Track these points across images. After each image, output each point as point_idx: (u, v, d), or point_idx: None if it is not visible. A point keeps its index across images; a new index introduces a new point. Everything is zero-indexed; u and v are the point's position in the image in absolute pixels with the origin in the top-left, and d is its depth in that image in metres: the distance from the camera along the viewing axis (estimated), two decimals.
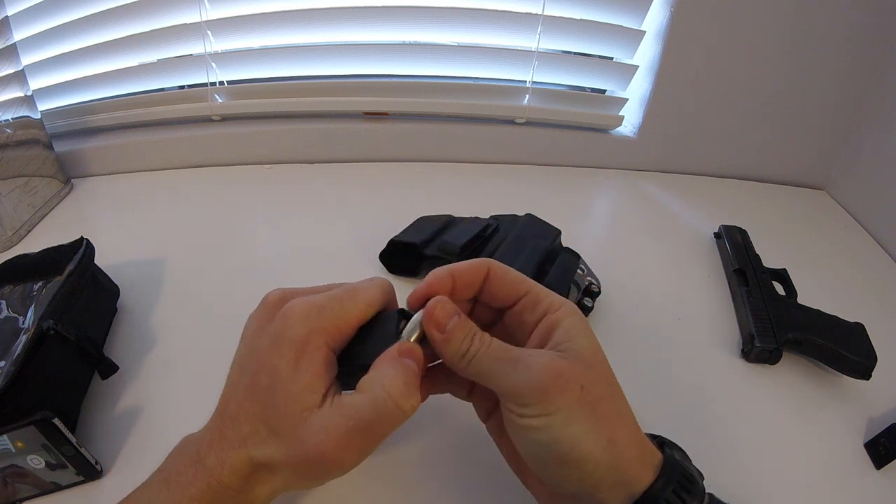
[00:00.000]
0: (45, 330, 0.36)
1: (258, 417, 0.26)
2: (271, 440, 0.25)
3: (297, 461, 0.25)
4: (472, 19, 0.68)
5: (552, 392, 0.24)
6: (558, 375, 0.25)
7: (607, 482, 0.25)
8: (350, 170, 0.74)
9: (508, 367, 0.26)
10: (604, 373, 0.27)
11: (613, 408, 0.26)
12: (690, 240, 0.63)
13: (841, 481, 0.38)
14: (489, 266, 0.30)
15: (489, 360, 0.26)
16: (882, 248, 0.64)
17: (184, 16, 0.66)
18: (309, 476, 0.27)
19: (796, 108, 0.70)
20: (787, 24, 0.64)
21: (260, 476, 0.26)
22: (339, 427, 0.24)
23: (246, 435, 0.26)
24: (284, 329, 0.26)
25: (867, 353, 0.44)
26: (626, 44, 0.69)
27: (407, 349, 0.27)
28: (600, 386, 0.26)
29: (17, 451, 0.32)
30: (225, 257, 0.56)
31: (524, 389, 0.25)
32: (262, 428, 0.25)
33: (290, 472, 0.26)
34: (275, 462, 0.25)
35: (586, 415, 0.25)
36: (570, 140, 0.76)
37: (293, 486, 0.27)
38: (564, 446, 0.24)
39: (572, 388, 0.25)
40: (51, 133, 0.66)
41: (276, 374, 0.25)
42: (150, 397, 0.41)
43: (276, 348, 0.26)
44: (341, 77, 0.73)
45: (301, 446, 0.25)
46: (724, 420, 0.42)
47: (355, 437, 0.25)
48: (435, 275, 0.29)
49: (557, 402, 0.24)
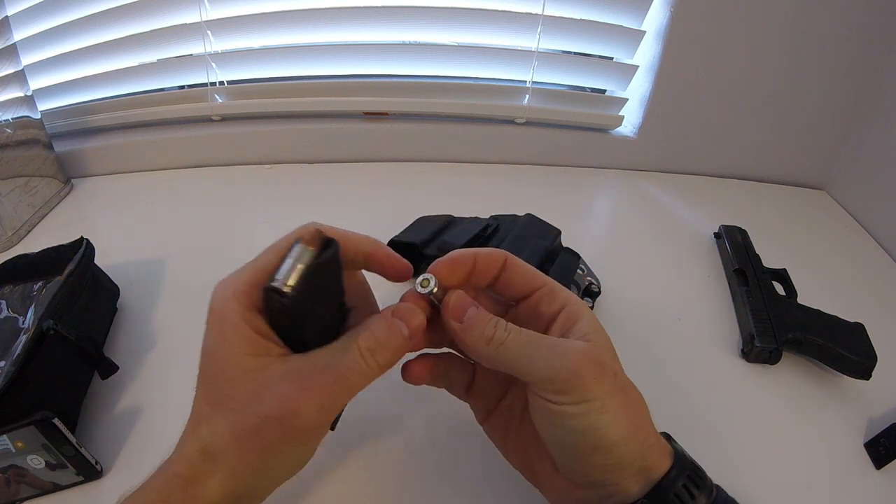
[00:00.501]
0: (45, 330, 0.36)
1: (201, 398, 0.25)
2: (214, 415, 0.24)
3: (244, 429, 0.23)
4: (472, 19, 0.68)
5: (591, 378, 0.25)
6: (597, 362, 0.25)
7: (633, 468, 0.25)
8: (350, 170, 0.74)
9: (544, 352, 0.25)
10: (620, 366, 0.28)
11: (637, 396, 0.27)
12: (690, 240, 0.63)
13: (841, 481, 0.38)
14: (506, 256, 0.30)
15: (520, 345, 0.26)
16: (882, 248, 0.64)
17: (184, 16, 0.66)
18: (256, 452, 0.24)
19: (796, 108, 0.70)
20: (787, 24, 0.64)
21: (207, 467, 0.24)
22: (304, 373, 0.23)
23: (194, 419, 0.25)
24: (209, 308, 0.25)
25: (867, 353, 0.44)
26: (626, 44, 0.69)
27: (403, 311, 0.26)
28: (624, 375, 0.27)
29: (17, 451, 0.32)
30: (225, 257, 0.55)
31: (562, 375, 0.25)
32: (204, 406, 0.24)
33: (235, 455, 0.23)
34: (218, 441, 0.23)
35: (620, 402, 0.25)
36: (570, 140, 0.76)
37: (242, 481, 0.24)
38: (600, 432, 0.24)
39: (608, 375, 0.25)
40: (51, 133, 0.66)
41: (208, 350, 0.25)
42: (150, 397, 0.41)
43: (206, 328, 0.25)
44: (341, 77, 0.73)
45: (254, 405, 0.23)
46: (724, 420, 0.42)
47: (319, 383, 0.23)
48: (460, 252, 0.29)
49: (596, 388, 0.24)
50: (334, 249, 0.24)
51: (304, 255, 0.23)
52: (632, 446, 0.25)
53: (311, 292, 0.23)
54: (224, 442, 0.23)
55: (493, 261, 0.29)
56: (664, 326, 0.50)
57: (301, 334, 0.24)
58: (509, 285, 0.30)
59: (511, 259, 0.30)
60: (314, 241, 0.23)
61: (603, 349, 0.26)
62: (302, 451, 0.26)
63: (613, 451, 0.25)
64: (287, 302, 0.22)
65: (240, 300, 0.24)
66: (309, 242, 0.23)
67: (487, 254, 0.29)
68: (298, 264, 0.23)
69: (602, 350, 0.26)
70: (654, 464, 0.26)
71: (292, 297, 0.22)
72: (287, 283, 0.22)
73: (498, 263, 0.29)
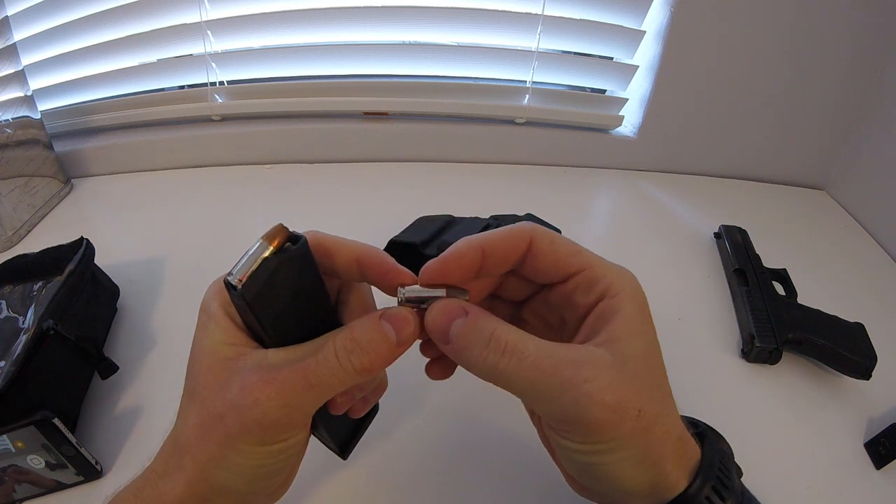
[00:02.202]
0: (45, 330, 0.36)
1: (184, 391, 0.24)
2: (187, 405, 0.23)
3: (210, 415, 0.22)
4: (472, 19, 0.68)
5: (608, 427, 0.21)
6: (618, 408, 0.21)
7: (642, 494, 0.24)
8: (350, 170, 0.74)
9: (556, 393, 0.21)
10: (656, 379, 0.23)
11: (664, 423, 0.23)
12: (690, 240, 0.63)
13: (841, 481, 0.38)
14: (531, 236, 0.25)
15: (525, 380, 0.22)
16: (882, 248, 0.64)
17: (184, 16, 0.67)
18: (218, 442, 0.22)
19: (796, 108, 0.70)
20: (787, 24, 0.64)
21: (176, 459, 0.23)
22: (274, 366, 0.22)
23: (178, 414, 0.24)
24: (200, 305, 0.25)
25: (867, 353, 0.44)
26: (626, 44, 0.69)
27: (395, 315, 0.23)
28: (653, 402, 0.22)
29: (17, 451, 0.32)
30: (225, 257, 0.56)
31: (575, 422, 0.22)
32: (184, 399, 0.24)
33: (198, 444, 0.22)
34: (187, 431, 0.23)
35: (637, 442, 0.22)
36: (570, 140, 0.76)
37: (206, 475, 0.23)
38: (606, 468, 0.23)
39: (630, 416, 0.21)
40: (51, 133, 0.66)
41: (192, 343, 0.24)
42: (150, 397, 0.42)
43: (197, 324, 0.25)
44: (341, 77, 0.73)
45: (221, 392, 0.22)
46: (724, 420, 0.42)
47: (285, 377, 0.22)
48: (458, 250, 0.24)
49: (611, 434, 0.22)
50: (300, 247, 0.23)
51: (260, 250, 0.22)
52: (644, 481, 0.23)
53: (269, 289, 0.22)
54: (190, 431, 0.23)
55: (511, 245, 0.24)
56: (664, 326, 0.50)
57: (266, 333, 0.23)
58: (536, 271, 0.25)
59: (539, 241, 0.25)
60: (276, 237, 0.22)
61: (633, 369, 0.22)
62: (266, 451, 0.23)
63: (621, 484, 0.23)
64: (237, 296, 0.22)
65: (225, 294, 0.24)
66: (270, 238, 0.22)
67: (502, 237, 0.24)
68: (253, 260, 0.22)
69: (633, 375, 0.22)
70: (671, 486, 0.23)
71: (242, 291, 0.22)
72: (240, 277, 0.22)
73: (520, 247, 0.25)
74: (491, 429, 0.40)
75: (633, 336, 0.23)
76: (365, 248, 0.25)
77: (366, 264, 0.25)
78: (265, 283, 0.22)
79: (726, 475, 0.24)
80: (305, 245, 0.23)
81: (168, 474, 0.23)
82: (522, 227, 0.25)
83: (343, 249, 0.25)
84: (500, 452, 0.38)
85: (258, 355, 0.23)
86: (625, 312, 0.23)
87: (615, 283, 0.24)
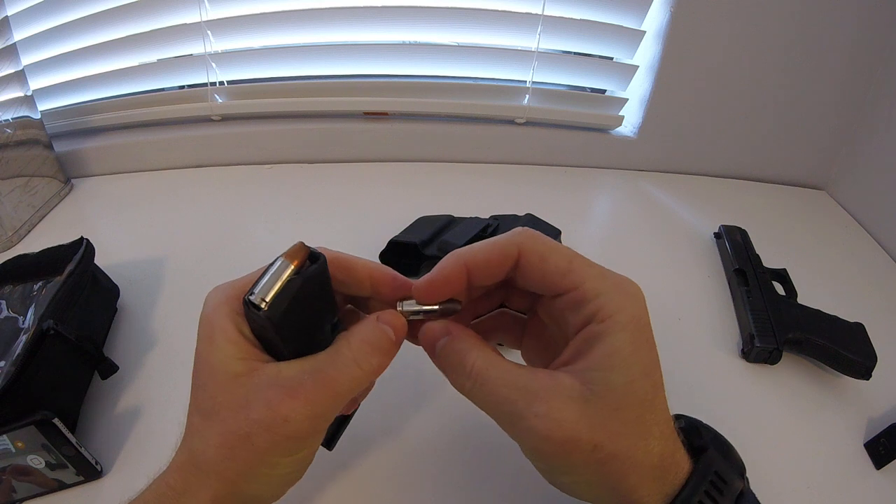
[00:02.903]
0: (45, 330, 0.36)
1: (193, 407, 0.24)
2: (203, 425, 0.23)
3: (234, 435, 0.22)
4: (472, 19, 0.68)
5: (554, 456, 0.22)
6: (566, 443, 0.22)
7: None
8: (350, 170, 0.74)
9: (508, 421, 0.23)
10: (633, 414, 0.22)
11: (631, 457, 0.22)
12: (690, 240, 0.63)
13: (841, 481, 0.38)
14: (519, 249, 0.24)
15: (484, 405, 0.24)
16: (882, 248, 0.64)
17: (184, 16, 0.67)
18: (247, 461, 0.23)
19: (796, 108, 0.70)
20: (788, 24, 0.64)
21: (198, 478, 0.23)
22: (294, 379, 0.23)
23: (187, 429, 0.24)
24: (200, 316, 0.25)
25: (867, 353, 0.44)
26: (626, 44, 0.69)
27: (388, 316, 0.25)
28: (620, 437, 0.22)
29: (18, 451, 0.32)
30: (225, 257, 0.56)
31: (524, 446, 0.23)
32: (195, 416, 0.24)
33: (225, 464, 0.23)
34: (209, 452, 0.23)
35: (593, 472, 0.22)
36: (570, 140, 0.76)
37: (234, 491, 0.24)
38: (568, 489, 0.24)
39: (581, 449, 0.22)
40: (51, 133, 0.66)
41: (197, 355, 0.24)
42: (150, 397, 0.42)
43: (197, 335, 0.24)
44: (341, 77, 0.73)
45: (243, 411, 0.22)
46: (724, 420, 0.41)
47: (308, 388, 0.23)
48: (442, 269, 0.25)
49: (561, 462, 0.23)
50: (319, 266, 0.23)
51: (284, 269, 0.22)
52: (607, 500, 0.24)
53: (292, 308, 0.23)
54: (214, 451, 0.23)
55: (497, 260, 0.25)
56: (664, 326, 0.50)
57: (285, 347, 0.24)
58: (528, 284, 0.25)
59: (527, 256, 0.24)
60: (297, 256, 0.23)
61: (604, 401, 0.22)
62: (293, 460, 0.24)
63: (585, 500, 0.24)
64: (262, 316, 0.22)
65: (231, 305, 0.24)
66: (291, 257, 0.23)
67: (487, 254, 0.25)
68: (277, 280, 0.22)
69: (597, 409, 0.22)
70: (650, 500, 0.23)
71: (268, 312, 0.22)
72: (264, 297, 0.22)
73: (506, 262, 0.25)
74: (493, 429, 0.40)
75: (613, 368, 0.22)
76: (376, 265, 0.27)
77: (378, 281, 0.27)
78: (289, 302, 0.22)
79: (717, 494, 0.23)
80: (324, 263, 0.24)
81: (189, 492, 0.23)
82: (512, 239, 0.25)
83: (358, 266, 0.27)
84: (502, 453, 0.38)
85: (271, 370, 0.23)
86: (609, 341, 0.22)
87: (606, 306, 0.23)
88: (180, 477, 0.24)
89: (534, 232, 0.25)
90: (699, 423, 0.27)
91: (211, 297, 0.25)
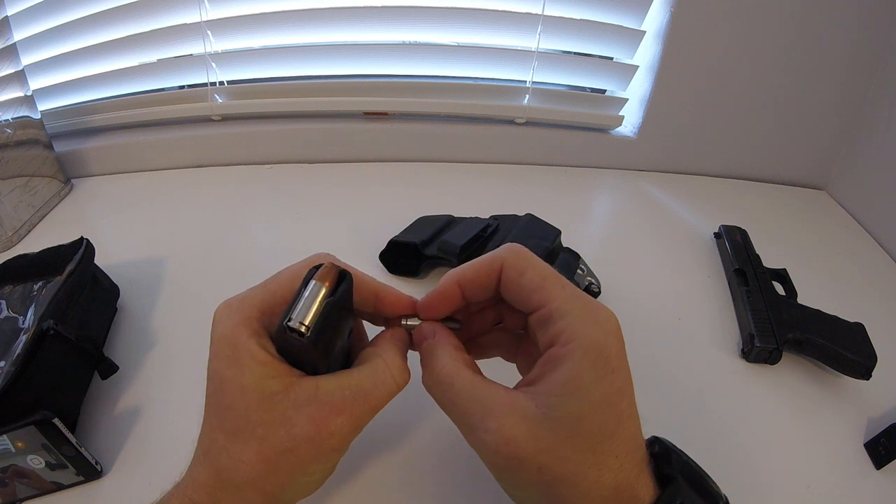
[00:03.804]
0: (45, 330, 0.36)
1: (214, 427, 0.24)
2: (234, 443, 0.23)
3: (276, 451, 0.23)
4: (472, 19, 0.68)
5: (502, 469, 0.24)
6: (511, 457, 0.23)
7: None
8: (350, 170, 0.74)
9: (463, 430, 0.25)
10: (585, 443, 0.22)
11: (580, 484, 0.22)
12: (690, 240, 0.63)
13: (841, 481, 0.38)
14: (501, 265, 0.26)
15: (445, 409, 0.26)
16: (882, 248, 0.64)
17: (184, 16, 0.67)
18: (287, 472, 0.24)
19: (796, 108, 0.70)
20: (787, 24, 0.64)
21: (228, 494, 0.24)
22: (335, 395, 0.24)
23: (207, 449, 0.25)
24: (214, 333, 0.25)
25: (867, 353, 0.44)
26: (626, 44, 0.69)
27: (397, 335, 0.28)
28: (569, 463, 0.22)
29: (17, 451, 0.32)
30: (225, 257, 0.56)
31: (479, 456, 0.25)
32: (219, 436, 0.24)
33: (265, 478, 0.23)
34: (244, 469, 0.23)
35: (541, 491, 0.23)
36: (570, 140, 0.76)
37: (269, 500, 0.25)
38: (519, 501, 0.26)
39: (527, 468, 0.22)
40: (51, 133, 0.66)
41: (219, 376, 0.24)
42: (150, 397, 0.41)
43: (213, 354, 0.25)
44: (341, 77, 0.73)
45: (284, 427, 0.23)
46: (724, 420, 0.42)
47: (352, 404, 0.24)
48: (439, 288, 0.28)
49: (509, 476, 0.24)
50: (347, 284, 0.25)
51: (318, 292, 0.23)
52: None
53: (327, 328, 0.23)
54: (250, 468, 0.23)
55: (483, 277, 0.27)
56: (664, 326, 0.50)
57: (319, 364, 0.25)
58: (508, 298, 0.27)
59: (507, 271, 0.26)
60: (329, 277, 0.24)
61: (555, 427, 0.22)
62: (327, 467, 0.27)
63: None
64: (306, 342, 0.23)
65: (251, 326, 0.24)
66: (324, 279, 0.24)
67: (476, 270, 0.27)
68: (314, 303, 0.23)
69: (546, 431, 0.22)
70: None
71: (312, 338, 0.22)
72: (304, 322, 0.22)
73: (490, 278, 0.27)
74: None
75: (570, 394, 0.22)
76: (380, 284, 0.29)
77: (383, 299, 0.28)
78: (326, 323, 0.23)
79: None
80: (352, 282, 0.25)
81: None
82: (497, 254, 0.26)
83: (365, 283, 0.28)
84: None
85: (309, 385, 0.24)
86: (568, 367, 0.23)
87: (569, 329, 0.23)
88: (206, 493, 0.24)
89: (520, 248, 0.27)
90: (672, 450, 0.26)
91: (223, 316, 0.25)
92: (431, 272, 0.55)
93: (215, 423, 0.24)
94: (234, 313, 0.25)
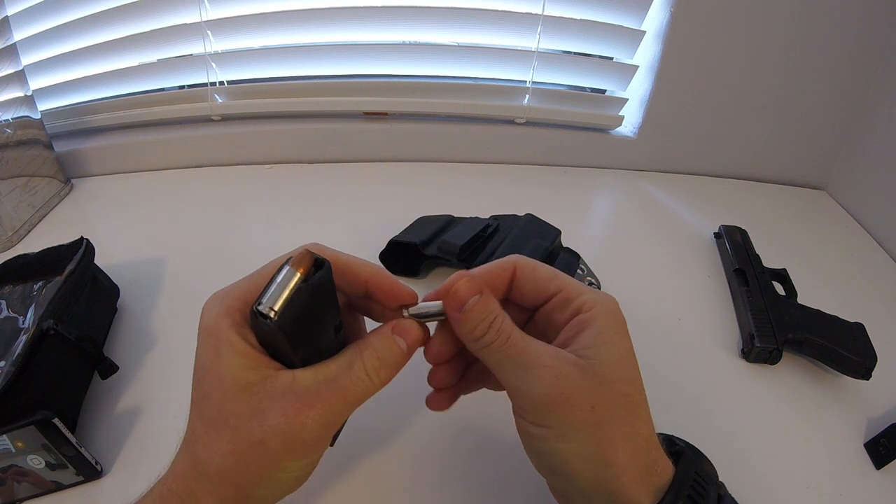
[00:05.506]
0: (45, 330, 0.36)
1: (194, 416, 0.24)
2: (210, 433, 0.23)
3: (247, 442, 0.23)
4: (472, 19, 0.68)
5: (556, 409, 0.24)
6: (567, 393, 0.23)
7: (597, 501, 0.24)
8: (350, 170, 0.74)
9: (519, 371, 0.24)
10: (623, 389, 0.25)
11: (622, 429, 0.24)
12: (690, 240, 0.63)
13: (841, 481, 0.38)
14: (514, 266, 0.28)
15: (501, 354, 0.25)
16: (882, 248, 0.64)
17: (184, 16, 0.67)
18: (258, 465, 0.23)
19: (796, 108, 0.70)
20: (787, 24, 0.64)
21: (203, 484, 0.24)
22: (310, 388, 0.23)
23: (187, 438, 0.25)
24: (200, 323, 0.25)
25: (867, 353, 0.44)
26: (626, 44, 0.69)
27: (402, 327, 0.26)
28: (613, 406, 0.24)
29: (17, 451, 0.32)
30: (225, 257, 0.56)
31: (529, 398, 0.24)
32: (198, 425, 0.24)
33: (236, 469, 0.23)
34: (217, 459, 0.23)
35: (587, 436, 0.24)
36: (570, 140, 0.76)
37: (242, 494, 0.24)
38: (556, 458, 0.24)
39: (580, 407, 0.23)
40: (51, 133, 0.66)
41: (201, 366, 0.24)
42: (150, 397, 0.42)
43: (198, 344, 0.25)
44: (341, 77, 0.73)
45: (257, 418, 0.23)
46: (724, 420, 0.42)
47: (325, 397, 0.23)
48: (499, 263, 0.28)
49: (558, 418, 0.24)
50: (325, 272, 0.24)
51: (291, 278, 0.22)
52: (595, 480, 0.24)
53: (299, 316, 0.23)
54: (222, 459, 0.23)
55: (497, 276, 0.28)
56: (664, 326, 0.50)
57: (295, 353, 0.24)
58: (522, 296, 0.29)
59: (522, 267, 0.28)
60: (303, 264, 0.23)
61: (596, 371, 0.24)
62: (303, 464, 0.25)
63: (572, 480, 0.24)
64: (272, 325, 0.22)
65: (233, 316, 0.24)
66: (297, 264, 0.23)
67: (486, 271, 0.28)
68: (285, 288, 0.22)
69: (591, 375, 0.24)
70: (633, 500, 0.24)
71: (277, 321, 0.22)
72: (272, 306, 0.22)
73: (505, 277, 0.28)
74: (493, 429, 0.40)
75: (602, 345, 0.25)
76: (373, 268, 0.28)
77: (373, 284, 0.28)
78: (298, 310, 0.22)
79: (700, 496, 0.24)
80: (330, 269, 0.24)
81: (193, 497, 0.24)
82: (508, 258, 0.29)
83: (353, 268, 0.27)
84: (502, 453, 0.38)
85: (286, 377, 0.24)
86: (597, 325, 0.25)
87: (588, 300, 0.26)
88: (183, 483, 0.24)
89: (522, 255, 0.29)
90: (671, 435, 0.29)
91: (210, 307, 0.25)
92: (431, 272, 0.55)
93: (195, 412, 0.24)
94: (219, 304, 0.25)
